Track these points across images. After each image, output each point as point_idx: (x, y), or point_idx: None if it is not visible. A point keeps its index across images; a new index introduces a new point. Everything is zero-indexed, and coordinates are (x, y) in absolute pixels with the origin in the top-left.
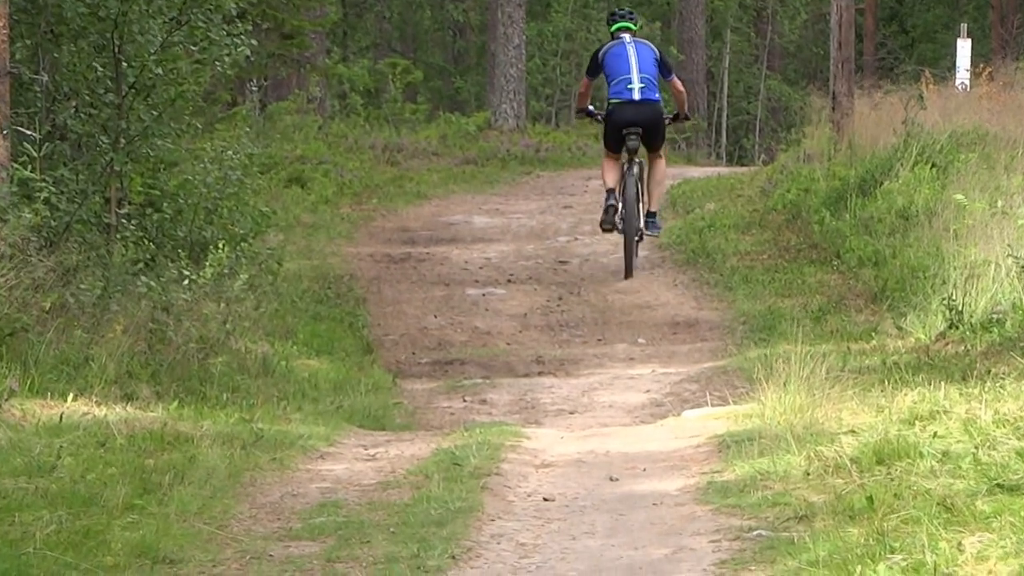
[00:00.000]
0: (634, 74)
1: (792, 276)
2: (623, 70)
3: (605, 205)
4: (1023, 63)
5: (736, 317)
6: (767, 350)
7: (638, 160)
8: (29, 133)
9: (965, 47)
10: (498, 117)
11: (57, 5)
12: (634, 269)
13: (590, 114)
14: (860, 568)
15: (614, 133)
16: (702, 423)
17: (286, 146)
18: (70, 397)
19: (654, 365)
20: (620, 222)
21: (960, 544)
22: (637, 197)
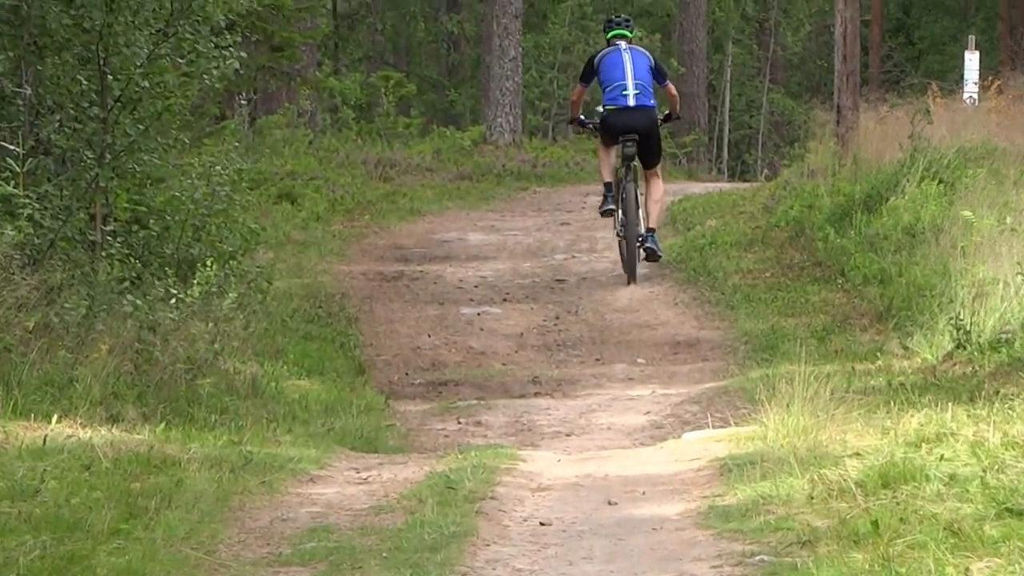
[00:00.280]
0: (629, 80)
1: (795, 295)
2: (618, 76)
3: (603, 195)
4: None
5: (738, 336)
6: (770, 370)
7: (638, 173)
8: (12, 148)
9: (973, 59)
10: (494, 131)
11: (40, 16)
12: (637, 276)
13: (582, 124)
14: None
15: (610, 140)
16: (703, 445)
17: (276, 161)
18: (54, 419)
19: (654, 386)
20: (621, 229)
21: (968, 570)
22: (636, 203)
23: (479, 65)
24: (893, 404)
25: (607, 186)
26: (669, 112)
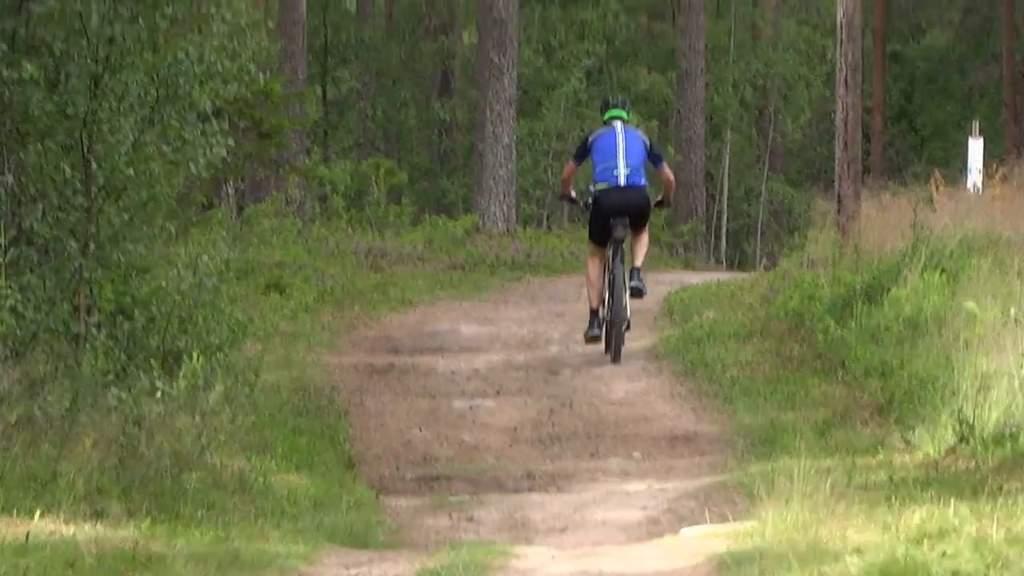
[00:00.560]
0: (620, 159)
1: (795, 387)
2: (611, 156)
3: (589, 321)
4: None
5: (736, 430)
6: (769, 465)
7: (623, 251)
8: None
9: (977, 146)
10: (487, 220)
11: (23, 103)
12: (621, 356)
13: (572, 200)
14: None
15: (601, 221)
16: (701, 542)
17: (264, 251)
18: (37, 515)
19: (650, 480)
20: (608, 312)
21: None
22: (624, 287)
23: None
24: (894, 499)
25: (593, 312)
26: (662, 198)
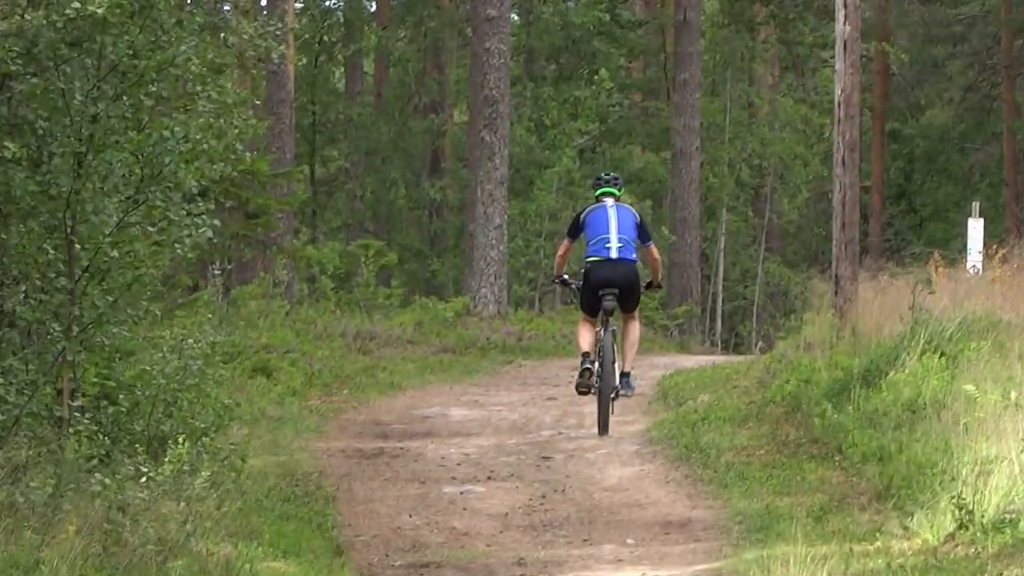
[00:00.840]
0: (612, 234)
1: (791, 473)
2: (602, 230)
3: (580, 368)
4: None
5: (732, 516)
6: (764, 552)
7: (613, 326)
8: None
9: (977, 227)
10: (478, 302)
11: (5, 183)
12: (609, 426)
13: (564, 283)
14: None
15: (590, 293)
16: None
17: (251, 333)
18: None
19: (644, 568)
20: (596, 381)
21: None
22: (613, 358)
23: (462, 233)
24: None
25: (584, 355)
26: (651, 281)
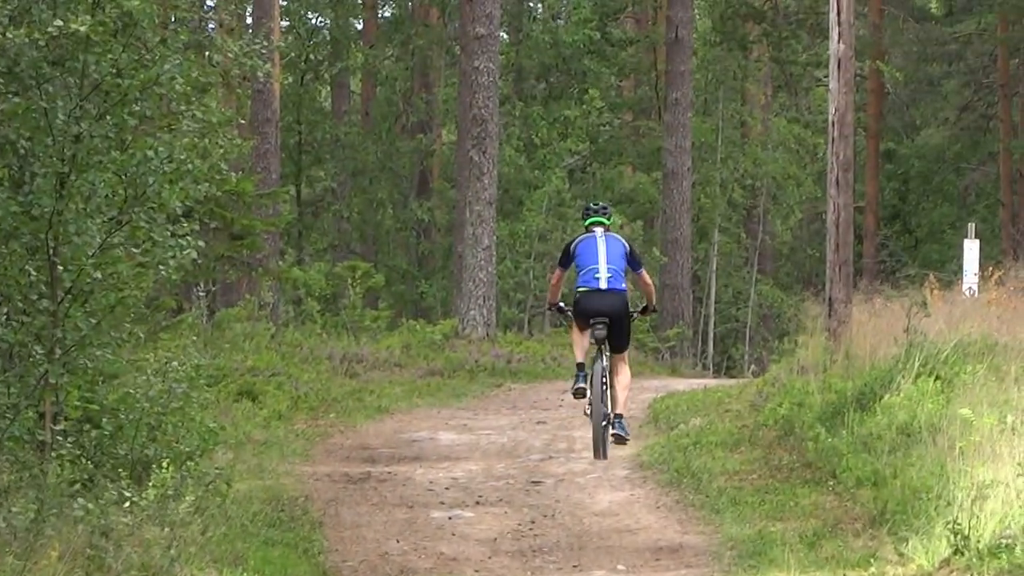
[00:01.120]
0: (601, 264)
1: (784, 498)
2: (591, 260)
3: (576, 375)
4: None
5: (723, 542)
6: None
7: (605, 361)
8: None
9: (973, 248)
10: (466, 325)
11: None
12: (607, 451)
13: (560, 310)
14: None
15: (581, 322)
16: None
17: (236, 356)
18: None
19: None
20: (588, 406)
21: None
22: (603, 384)
23: (451, 254)
24: None
25: (579, 366)
26: (646, 304)
